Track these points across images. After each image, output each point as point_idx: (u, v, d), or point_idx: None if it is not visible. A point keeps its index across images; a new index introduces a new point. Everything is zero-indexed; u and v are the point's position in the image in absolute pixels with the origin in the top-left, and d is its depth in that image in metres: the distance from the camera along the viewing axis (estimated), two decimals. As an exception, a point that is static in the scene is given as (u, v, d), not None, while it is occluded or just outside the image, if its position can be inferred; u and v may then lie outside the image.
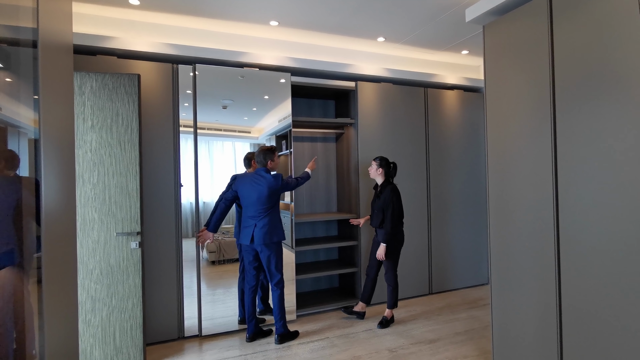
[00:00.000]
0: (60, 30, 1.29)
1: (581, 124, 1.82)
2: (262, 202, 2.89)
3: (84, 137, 2.54)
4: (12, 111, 1.01)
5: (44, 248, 1.04)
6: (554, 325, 1.97)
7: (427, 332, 3.13)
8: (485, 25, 2.40)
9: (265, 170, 2.95)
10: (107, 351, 2.56)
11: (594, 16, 1.75)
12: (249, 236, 2.91)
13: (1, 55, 0.98)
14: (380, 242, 3.18)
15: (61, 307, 1.20)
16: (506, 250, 2.27)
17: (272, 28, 3.32)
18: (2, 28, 0.96)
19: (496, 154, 2.33)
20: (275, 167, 3.02)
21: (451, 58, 4.23)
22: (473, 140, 4.35)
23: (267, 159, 2.96)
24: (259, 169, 2.97)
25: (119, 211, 2.60)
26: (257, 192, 2.89)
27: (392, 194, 3.18)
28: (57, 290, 1.16)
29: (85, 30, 2.87)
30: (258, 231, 2.89)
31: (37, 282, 1.03)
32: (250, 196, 2.91)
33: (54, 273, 1.12)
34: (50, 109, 1.14)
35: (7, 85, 0.95)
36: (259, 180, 2.91)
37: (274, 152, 3.01)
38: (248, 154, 3.33)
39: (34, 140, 1.04)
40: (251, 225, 2.92)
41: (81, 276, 2.53)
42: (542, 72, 2.02)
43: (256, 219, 2.91)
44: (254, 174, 2.97)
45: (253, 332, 3.02)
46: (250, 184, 2.93)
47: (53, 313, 1.11)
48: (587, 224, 1.79)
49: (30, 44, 1.04)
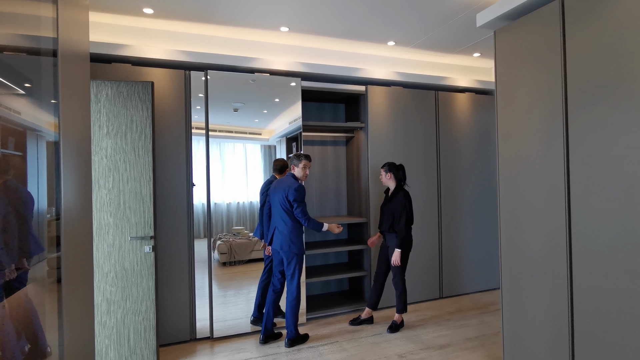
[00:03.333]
0: (78, 39, 1.34)
1: (594, 130, 1.79)
2: (279, 207, 3.00)
3: (99, 144, 2.61)
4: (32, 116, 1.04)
5: (63, 249, 1.08)
6: (566, 335, 1.95)
7: (437, 337, 3.12)
8: (496, 30, 2.39)
9: (292, 176, 3.06)
10: (122, 352, 2.62)
11: (607, 22, 1.73)
12: (269, 237, 3.08)
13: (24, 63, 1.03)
14: (395, 248, 3.17)
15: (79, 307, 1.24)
16: (517, 256, 2.25)
17: (283, 34, 3.35)
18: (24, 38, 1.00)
19: (507, 159, 2.31)
20: (300, 174, 3.06)
21: (462, 61, 4.20)
22: (485, 142, 4.30)
23: (292, 164, 3.09)
24: (288, 174, 3.10)
25: (133, 216, 2.66)
26: (278, 196, 3.01)
27: (404, 200, 3.18)
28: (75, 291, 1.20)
29: (101, 38, 2.95)
30: (277, 235, 3.01)
31: (56, 282, 1.06)
32: (274, 201, 3.06)
33: (72, 273, 1.16)
34: (69, 114, 1.19)
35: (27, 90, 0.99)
36: (281, 185, 3.03)
37: (300, 159, 3.05)
38: (279, 159, 3.39)
39: (52, 143, 1.08)
40: (273, 228, 3.06)
41: (97, 279, 2.59)
42: (554, 78, 2.00)
43: (277, 223, 3.03)
44: (281, 179, 3.12)
45: (268, 334, 3.07)
46: (275, 189, 3.07)
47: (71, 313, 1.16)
48: (600, 232, 1.77)
49: (50, 52, 1.09)
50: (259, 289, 3.31)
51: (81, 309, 1.27)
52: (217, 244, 3.27)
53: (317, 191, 4.16)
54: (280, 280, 3.08)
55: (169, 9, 2.84)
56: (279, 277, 3.07)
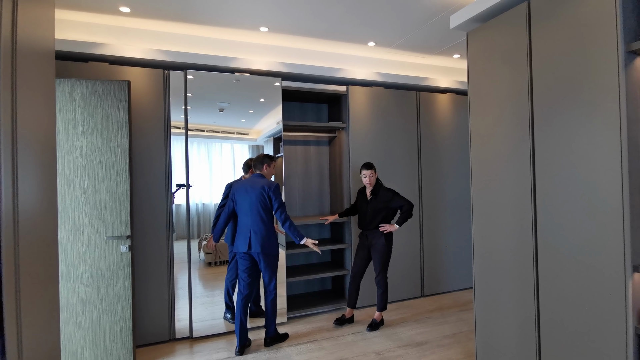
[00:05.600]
0: (40, 36, 1.33)
1: (557, 130, 1.84)
2: (256, 206, 2.90)
3: (74, 143, 2.59)
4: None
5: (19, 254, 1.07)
6: (532, 331, 1.99)
7: (416, 334, 3.15)
8: (468, 32, 2.43)
9: (260, 176, 3.00)
10: (98, 353, 2.61)
11: (569, 25, 1.78)
12: (246, 243, 2.88)
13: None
14: (396, 225, 3.27)
15: (40, 315, 1.23)
16: (488, 256, 2.29)
17: (263, 34, 3.36)
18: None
19: (479, 159, 2.36)
20: (270, 174, 3.06)
21: (443, 62, 4.25)
22: (465, 143, 4.36)
23: (264, 163, 3.02)
24: (255, 174, 3.03)
25: (109, 215, 2.64)
26: (251, 196, 2.91)
27: (391, 190, 3.30)
28: (35, 297, 1.19)
29: (77, 37, 2.92)
30: (255, 237, 2.88)
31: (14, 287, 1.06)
32: (245, 201, 2.93)
33: (30, 276, 1.16)
34: (28, 113, 1.18)
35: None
36: (253, 184, 2.94)
37: (272, 160, 3.06)
38: (248, 160, 3.37)
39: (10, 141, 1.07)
40: (246, 231, 2.90)
41: (72, 279, 2.57)
42: (521, 79, 2.04)
43: (251, 225, 2.90)
44: (249, 179, 3.01)
45: (244, 344, 2.91)
46: (245, 189, 2.95)
47: (30, 317, 1.15)
48: (562, 229, 1.81)
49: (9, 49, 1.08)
50: (226, 287, 3.26)
51: (43, 317, 1.26)
52: (203, 244, 3.26)
53: (300, 191, 4.18)
54: (249, 285, 2.93)
55: (146, 8, 2.83)
56: (248, 281, 2.92)
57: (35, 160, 1.23)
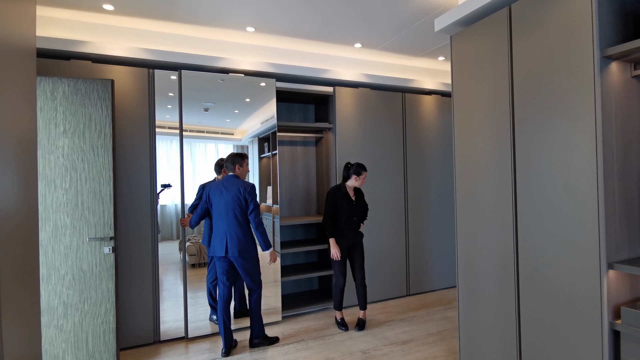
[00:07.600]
0: (20, 33, 1.30)
1: (537, 132, 1.89)
2: (232, 208, 2.84)
3: (56, 143, 2.54)
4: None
5: None
6: (513, 328, 2.04)
7: (401, 333, 3.19)
8: (452, 35, 2.48)
9: (234, 176, 2.94)
10: (80, 356, 2.56)
11: (548, 29, 1.83)
12: (223, 247, 2.83)
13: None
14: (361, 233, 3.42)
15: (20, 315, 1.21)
16: (471, 256, 2.34)
17: (250, 34, 3.35)
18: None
19: (462, 158, 2.40)
20: (243, 173, 2.99)
21: (428, 64, 4.32)
22: (449, 144, 4.44)
23: (236, 163, 2.94)
24: (228, 175, 2.96)
25: (92, 216, 2.60)
26: (226, 198, 2.85)
27: (361, 190, 3.45)
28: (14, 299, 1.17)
29: (59, 34, 2.86)
30: (231, 241, 2.83)
31: None
32: (220, 203, 2.86)
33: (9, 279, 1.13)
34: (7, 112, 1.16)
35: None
36: (228, 186, 2.88)
37: (243, 158, 3.00)
38: (219, 160, 3.33)
39: None
40: (222, 234, 2.84)
41: (53, 282, 2.52)
42: (503, 82, 2.09)
43: (227, 228, 2.84)
44: (223, 180, 2.94)
45: (230, 346, 2.90)
46: (219, 190, 2.89)
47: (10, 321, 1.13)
48: (542, 229, 1.87)
49: None
50: (208, 288, 3.24)
51: (23, 320, 1.24)
52: (187, 245, 3.23)
53: (287, 191, 4.18)
54: (229, 288, 2.89)
55: (130, 6, 2.79)
56: (227, 284, 2.88)
57: (15, 160, 1.21)
